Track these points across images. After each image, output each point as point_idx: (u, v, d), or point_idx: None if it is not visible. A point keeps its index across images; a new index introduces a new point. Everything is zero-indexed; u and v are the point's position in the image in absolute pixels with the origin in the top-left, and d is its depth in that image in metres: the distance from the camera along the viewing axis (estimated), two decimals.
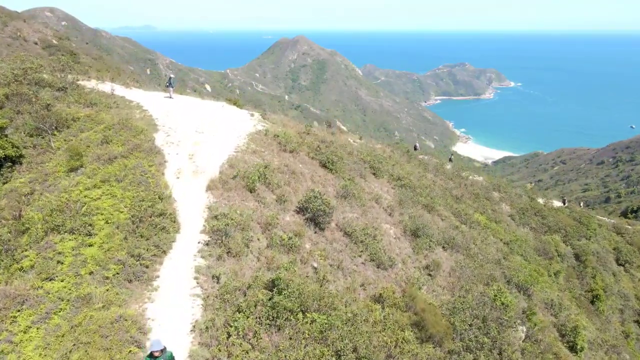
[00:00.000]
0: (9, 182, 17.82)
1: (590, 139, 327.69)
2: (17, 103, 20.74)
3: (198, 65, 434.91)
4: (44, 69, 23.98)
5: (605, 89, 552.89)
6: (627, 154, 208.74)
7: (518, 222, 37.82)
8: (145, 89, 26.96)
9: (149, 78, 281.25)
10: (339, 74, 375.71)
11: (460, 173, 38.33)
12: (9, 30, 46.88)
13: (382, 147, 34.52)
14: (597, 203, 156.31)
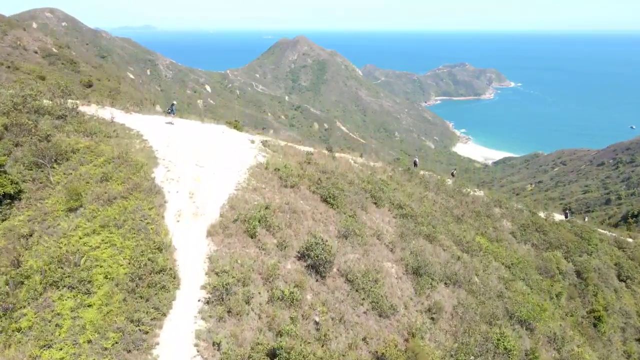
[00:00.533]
0: (7, 219, 17.67)
1: (591, 140, 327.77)
2: (16, 134, 20.54)
3: (198, 65, 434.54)
4: (43, 95, 23.78)
5: (605, 89, 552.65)
6: (627, 156, 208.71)
7: (519, 239, 37.72)
8: (146, 112, 26.73)
9: (149, 79, 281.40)
10: (339, 75, 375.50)
11: (462, 190, 38.17)
12: (9, 39, 46.67)
13: (382, 165, 34.32)
14: (598, 205, 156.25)
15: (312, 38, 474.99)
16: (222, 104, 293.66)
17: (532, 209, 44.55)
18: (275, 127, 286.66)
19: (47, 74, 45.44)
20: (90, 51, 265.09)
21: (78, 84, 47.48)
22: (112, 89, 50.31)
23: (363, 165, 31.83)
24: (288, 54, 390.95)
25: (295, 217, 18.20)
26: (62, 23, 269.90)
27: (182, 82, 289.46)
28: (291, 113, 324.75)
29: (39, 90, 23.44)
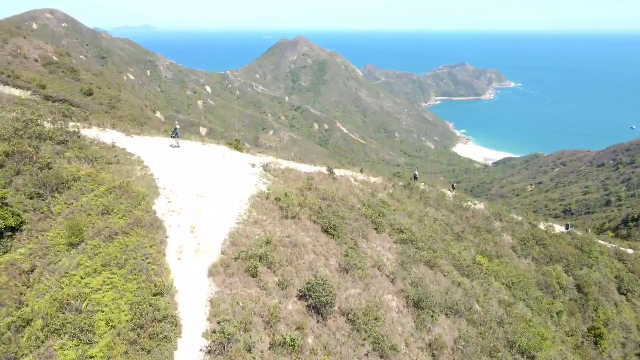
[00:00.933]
0: (9, 251, 17.68)
1: (591, 140, 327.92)
2: (17, 161, 20.51)
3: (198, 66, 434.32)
4: (45, 119, 23.72)
5: (605, 89, 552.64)
6: (627, 157, 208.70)
7: (520, 253, 37.74)
8: (146, 133, 26.62)
9: (149, 80, 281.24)
10: (339, 75, 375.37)
11: (462, 204, 38.13)
12: (10, 47, 46.60)
13: (382, 182, 34.25)
14: (598, 206, 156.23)
15: (312, 38, 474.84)
16: (222, 105, 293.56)
17: (532, 221, 44.54)
18: (275, 128, 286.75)
19: (47, 82, 45.40)
20: (90, 52, 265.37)
21: (79, 92, 47.40)
22: (113, 97, 50.21)
23: (364, 183, 31.76)
24: (288, 55, 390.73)
25: (297, 251, 18.18)
26: (62, 24, 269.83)
27: (182, 83, 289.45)
28: (291, 114, 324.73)
29: (40, 115, 23.40)
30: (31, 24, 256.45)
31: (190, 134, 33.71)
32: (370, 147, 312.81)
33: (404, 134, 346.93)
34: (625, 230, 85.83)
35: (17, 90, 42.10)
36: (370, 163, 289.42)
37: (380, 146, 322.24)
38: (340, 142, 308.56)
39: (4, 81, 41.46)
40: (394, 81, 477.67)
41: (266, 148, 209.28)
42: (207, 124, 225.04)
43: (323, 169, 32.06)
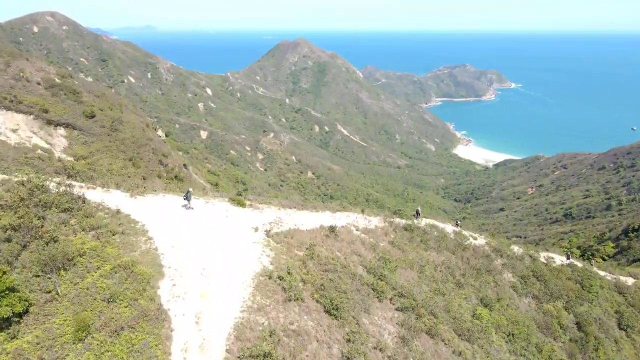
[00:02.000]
0: (16, 337, 17.91)
1: (591, 142, 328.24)
2: (24, 234, 20.76)
3: (199, 66, 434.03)
4: (50, 178, 23.82)
5: (605, 90, 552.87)
6: (628, 160, 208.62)
7: (520, 292, 37.99)
8: (150, 191, 26.73)
9: (150, 82, 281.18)
10: (339, 77, 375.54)
11: (463, 242, 38.34)
12: (12, 70, 46.68)
13: (383, 227, 34.39)
14: (599, 210, 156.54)
15: (312, 38, 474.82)
16: (222, 107, 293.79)
17: (532, 254, 44.68)
18: (275, 130, 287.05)
19: (49, 106, 45.52)
20: (91, 55, 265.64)
21: (81, 115, 47.51)
22: (114, 118, 50.26)
23: (365, 231, 31.92)
24: (288, 56, 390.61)
25: (300, 340, 18.41)
26: (62, 27, 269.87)
27: (182, 86, 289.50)
28: (292, 115, 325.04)
29: (45, 179, 23.46)
30: (32, 26, 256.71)
31: (193, 174, 33.64)
32: (371, 149, 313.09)
33: (404, 136, 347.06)
34: (625, 241, 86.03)
35: (19, 115, 42.29)
36: (371, 165, 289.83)
37: (380, 148, 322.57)
38: (340, 144, 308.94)
39: (7, 106, 41.59)
40: (395, 82, 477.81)
41: (269, 152, 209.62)
42: (207, 127, 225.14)
43: (325, 214, 32.26)
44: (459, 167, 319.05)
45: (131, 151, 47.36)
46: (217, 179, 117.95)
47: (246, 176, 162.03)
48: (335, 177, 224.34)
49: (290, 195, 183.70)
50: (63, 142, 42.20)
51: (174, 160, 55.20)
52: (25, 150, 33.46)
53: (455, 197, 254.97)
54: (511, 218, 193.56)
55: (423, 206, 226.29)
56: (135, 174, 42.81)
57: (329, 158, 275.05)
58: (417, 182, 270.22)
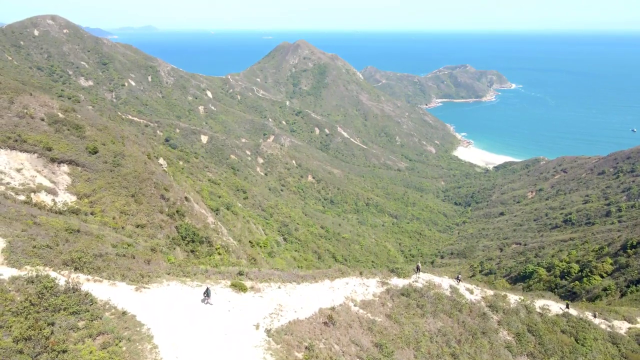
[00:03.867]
0: None
1: (592, 145, 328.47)
2: (34, 345, 20.55)
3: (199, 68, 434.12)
4: (58, 270, 23.52)
5: (606, 91, 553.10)
6: (628, 165, 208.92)
7: (515, 351, 38.24)
8: (154, 280, 26.68)
9: (150, 85, 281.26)
10: (340, 79, 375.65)
11: (460, 300, 38.30)
12: (16, 107, 46.88)
13: (381, 294, 34.55)
14: (598, 217, 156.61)
15: (312, 39, 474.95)
16: (223, 110, 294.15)
17: (528, 304, 44.38)
18: (276, 133, 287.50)
19: (53, 143, 45.78)
20: (91, 58, 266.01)
21: (84, 151, 47.83)
22: (117, 152, 50.59)
23: (363, 305, 32.12)
24: (289, 58, 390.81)
25: None
26: (63, 30, 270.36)
27: (183, 89, 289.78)
28: (292, 118, 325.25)
29: (54, 280, 23.03)
30: (32, 30, 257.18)
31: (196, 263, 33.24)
32: (371, 152, 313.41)
33: (404, 138, 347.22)
34: (624, 258, 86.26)
35: (24, 154, 42.61)
36: (371, 168, 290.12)
37: (381, 150, 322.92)
38: (341, 146, 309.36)
39: (11, 145, 41.88)
40: (395, 83, 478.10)
41: (269, 156, 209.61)
42: (207, 132, 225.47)
43: (324, 285, 32.67)
44: (459, 170, 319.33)
45: (133, 187, 47.69)
46: (218, 188, 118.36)
47: (246, 184, 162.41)
48: (336, 180, 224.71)
49: (291, 201, 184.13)
50: (67, 179, 42.46)
51: (175, 193, 55.53)
52: (29, 205, 33.04)
53: (456, 201, 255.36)
54: (511, 223, 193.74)
55: (423, 210, 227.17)
56: (138, 210, 43.34)
57: (329, 161, 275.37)
58: (417, 185, 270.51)
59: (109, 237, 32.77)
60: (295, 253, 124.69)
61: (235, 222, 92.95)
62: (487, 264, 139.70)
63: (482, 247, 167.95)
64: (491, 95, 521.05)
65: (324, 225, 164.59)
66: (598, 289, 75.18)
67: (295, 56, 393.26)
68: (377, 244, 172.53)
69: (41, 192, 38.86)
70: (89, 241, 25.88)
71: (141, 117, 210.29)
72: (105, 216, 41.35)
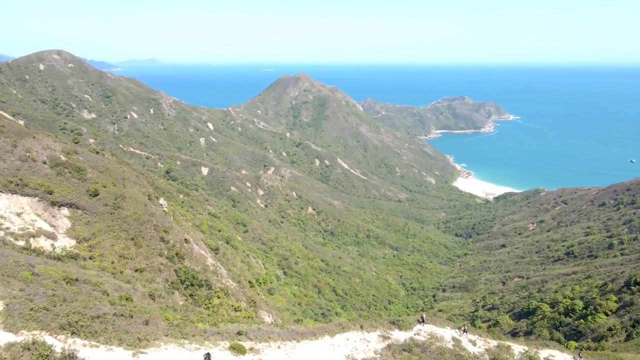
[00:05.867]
0: None
1: (591, 176, 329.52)
2: None
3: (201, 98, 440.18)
4: (55, 334, 23.14)
5: (604, 122, 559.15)
6: (628, 196, 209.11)
7: None
8: (153, 345, 26.34)
9: (152, 118, 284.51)
10: (339, 111, 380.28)
11: (461, 354, 37.59)
12: (18, 151, 47.22)
13: (381, 352, 34.06)
14: (600, 249, 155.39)
15: (312, 71, 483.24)
16: (223, 142, 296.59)
17: (532, 355, 43.51)
18: (276, 165, 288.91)
19: (54, 187, 45.90)
20: (95, 91, 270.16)
21: (84, 193, 47.90)
22: (117, 195, 50.69)
23: None
24: (289, 91, 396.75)
25: None
26: (68, 64, 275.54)
27: (184, 121, 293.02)
28: (292, 150, 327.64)
29: (50, 348, 22.63)
30: (38, 64, 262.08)
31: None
32: (371, 183, 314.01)
33: (404, 169, 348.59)
34: (628, 295, 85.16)
35: (24, 197, 42.66)
36: (371, 199, 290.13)
37: (381, 181, 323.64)
38: (341, 177, 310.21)
39: (12, 190, 41.99)
40: (394, 114, 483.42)
41: (269, 188, 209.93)
42: (208, 164, 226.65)
43: (325, 342, 32.19)
44: (459, 201, 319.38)
45: (133, 229, 47.70)
46: (218, 222, 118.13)
47: (246, 216, 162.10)
48: (336, 212, 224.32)
49: (291, 234, 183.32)
50: (66, 223, 42.49)
51: (175, 234, 55.44)
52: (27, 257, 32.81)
53: (456, 232, 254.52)
54: (513, 255, 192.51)
55: (424, 242, 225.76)
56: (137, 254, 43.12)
57: (329, 192, 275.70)
58: (417, 216, 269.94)
59: (107, 285, 32.46)
60: (295, 288, 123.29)
61: (235, 258, 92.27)
62: (490, 298, 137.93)
63: (484, 281, 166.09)
64: (490, 127, 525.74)
65: (324, 259, 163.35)
66: (603, 328, 73.95)
67: (296, 89, 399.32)
68: (378, 277, 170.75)
69: (40, 237, 38.72)
70: (86, 300, 25.57)
71: (142, 149, 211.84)
72: (104, 260, 41.14)
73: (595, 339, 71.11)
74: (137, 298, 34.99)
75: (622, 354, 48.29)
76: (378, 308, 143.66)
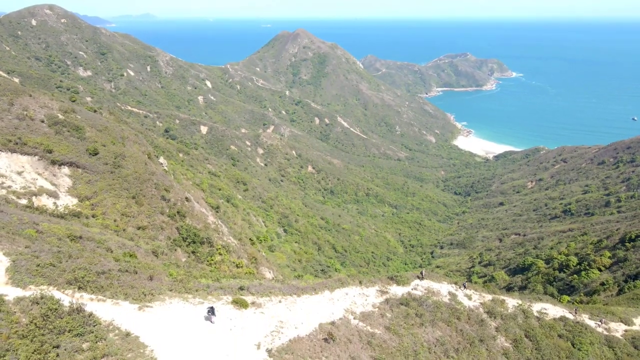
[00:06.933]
0: None
1: (592, 134, 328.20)
2: None
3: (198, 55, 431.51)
4: (62, 288, 23.57)
5: (607, 79, 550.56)
6: (628, 155, 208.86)
7: (513, 358, 38.63)
8: (157, 298, 26.83)
9: (150, 76, 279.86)
10: (339, 68, 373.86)
11: (457, 308, 38.50)
12: (16, 110, 46.72)
13: (380, 306, 34.75)
14: (597, 207, 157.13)
15: (311, 27, 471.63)
16: (222, 100, 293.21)
17: (526, 309, 44.79)
18: (276, 123, 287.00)
19: (53, 145, 45.76)
20: (90, 48, 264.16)
21: (84, 152, 47.85)
22: (117, 153, 50.61)
23: (362, 317, 32.27)
24: (288, 47, 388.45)
25: None
26: (61, 20, 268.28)
27: (182, 79, 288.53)
28: (292, 108, 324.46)
29: (58, 301, 23.07)
30: (30, 20, 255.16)
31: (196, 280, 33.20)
32: (371, 141, 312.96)
33: (404, 127, 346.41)
34: (622, 251, 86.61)
35: (24, 156, 42.66)
36: (371, 158, 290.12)
37: (381, 140, 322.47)
38: (341, 136, 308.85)
39: (12, 149, 41.89)
40: (395, 72, 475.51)
41: (269, 147, 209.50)
42: (207, 122, 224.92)
43: (324, 296, 32.94)
44: (459, 159, 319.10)
45: (134, 188, 47.84)
46: (218, 181, 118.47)
47: (246, 175, 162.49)
48: (336, 171, 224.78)
49: (291, 192, 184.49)
50: (68, 182, 42.60)
51: (176, 193, 55.61)
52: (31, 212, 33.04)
53: (455, 190, 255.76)
54: (510, 213, 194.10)
55: (423, 200, 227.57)
56: (139, 212, 43.49)
57: (329, 151, 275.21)
58: (417, 175, 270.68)
59: (111, 242, 33.03)
60: (295, 245, 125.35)
61: (236, 216, 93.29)
62: (487, 255, 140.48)
63: (481, 238, 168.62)
64: (492, 84, 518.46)
65: (324, 217, 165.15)
66: (596, 283, 75.68)
67: (295, 45, 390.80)
68: (377, 234, 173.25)
69: (42, 195, 39.01)
70: (91, 257, 26.08)
71: (140, 107, 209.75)
72: (106, 219, 41.66)
73: (588, 294, 72.95)
74: (141, 255, 35.78)
75: (613, 307, 49.69)
76: (377, 264, 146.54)
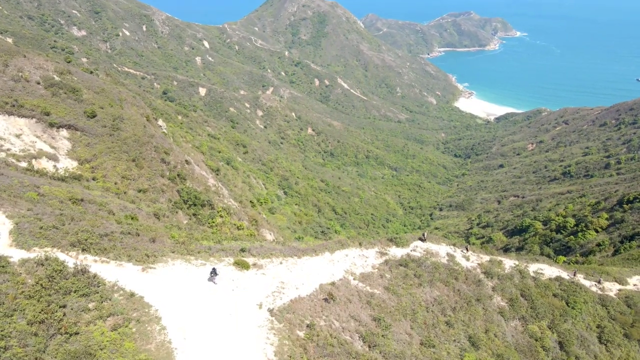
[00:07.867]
0: None
1: (595, 96, 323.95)
2: (48, 328, 20.80)
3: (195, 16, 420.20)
4: (66, 250, 23.72)
5: (612, 39, 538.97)
6: (630, 116, 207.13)
7: (508, 316, 39.35)
8: (160, 259, 26.99)
9: (145, 35, 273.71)
10: (340, 28, 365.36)
11: (455, 269, 38.96)
12: (10, 71, 45.87)
13: (379, 266, 35.23)
14: (597, 169, 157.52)
15: None
16: (221, 61, 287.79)
17: (522, 269, 45.23)
18: (275, 85, 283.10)
19: (51, 108, 45.22)
20: (83, 7, 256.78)
21: (82, 115, 47.38)
22: (115, 116, 50.10)
23: (362, 278, 33.02)
24: (287, 6, 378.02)
25: None
26: None
27: (179, 39, 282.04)
28: (291, 69, 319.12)
29: (63, 264, 23.15)
30: None
31: None
32: (371, 103, 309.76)
33: (405, 89, 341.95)
34: (619, 213, 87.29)
35: (22, 119, 42.29)
36: (371, 119, 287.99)
37: (381, 102, 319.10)
38: (341, 98, 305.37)
39: (9, 111, 41.44)
40: (396, 32, 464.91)
41: (268, 109, 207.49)
42: (206, 84, 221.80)
43: (325, 258, 33.34)
44: (459, 121, 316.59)
45: (134, 151, 47.61)
46: (218, 143, 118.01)
47: (246, 137, 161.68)
48: (335, 133, 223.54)
49: (291, 155, 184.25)
50: (67, 144, 42.35)
51: (176, 156, 55.38)
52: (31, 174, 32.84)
53: (455, 153, 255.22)
54: (510, 175, 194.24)
55: (423, 162, 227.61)
56: (139, 175, 43.47)
57: (329, 113, 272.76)
58: (417, 137, 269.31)
59: (112, 205, 33.25)
60: (295, 207, 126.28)
61: (236, 178, 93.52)
62: (485, 216, 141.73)
63: (480, 200, 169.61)
64: (495, 44, 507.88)
65: (324, 179, 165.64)
66: (592, 244, 76.61)
67: (294, 4, 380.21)
68: (377, 196, 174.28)
69: (42, 158, 38.97)
70: (94, 219, 26.29)
71: (137, 69, 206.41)
72: (107, 182, 41.76)
73: (584, 254, 74.05)
74: (142, 217, 36.10)
75: (607, 267, 50.53)
76: (376, 226, 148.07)
